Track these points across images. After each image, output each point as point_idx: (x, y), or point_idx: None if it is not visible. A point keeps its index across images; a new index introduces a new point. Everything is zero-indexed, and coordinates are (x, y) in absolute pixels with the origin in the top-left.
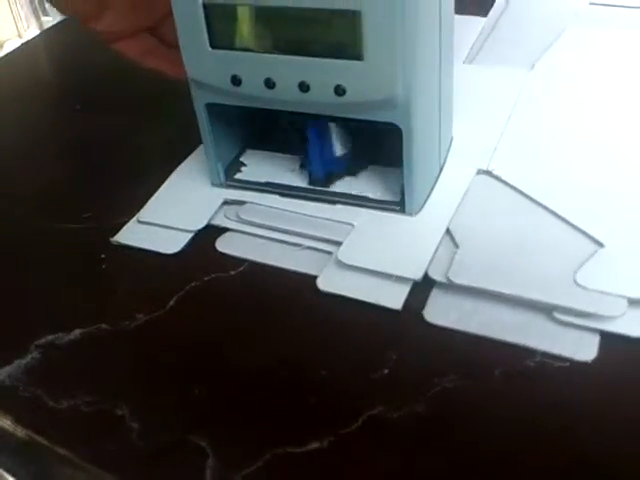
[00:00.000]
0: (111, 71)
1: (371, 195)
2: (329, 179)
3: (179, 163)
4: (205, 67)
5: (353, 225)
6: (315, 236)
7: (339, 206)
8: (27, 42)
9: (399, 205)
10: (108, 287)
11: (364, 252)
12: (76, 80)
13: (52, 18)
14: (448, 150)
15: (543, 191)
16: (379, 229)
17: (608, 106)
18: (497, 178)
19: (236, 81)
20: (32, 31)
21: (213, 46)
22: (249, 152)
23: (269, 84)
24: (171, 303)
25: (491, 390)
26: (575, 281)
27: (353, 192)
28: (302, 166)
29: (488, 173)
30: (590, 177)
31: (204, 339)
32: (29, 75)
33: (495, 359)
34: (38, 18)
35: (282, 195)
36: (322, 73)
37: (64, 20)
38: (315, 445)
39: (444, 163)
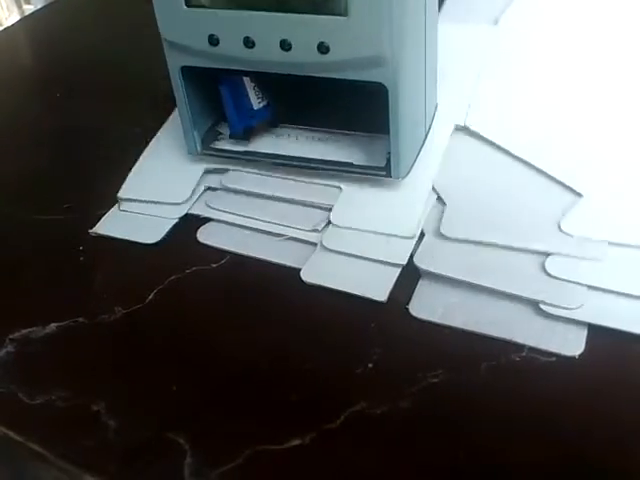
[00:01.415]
0: (91, 59)
1: (355, 161)
2: (248, 133)
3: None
4: (180, 27)
5: (340, 188)
6: (304, 201)
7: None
8: (6, 29)
9: (385, 170)
10: (86, 280)
11: (354, 216)
12: (56, 67)
13: (33, 6)
14: (434, 116)
15: (520, 144)
16: (365, 195)
17: (577, 57)
18: (475, 134)
19: (213, 41)
20: (13, 18)
21: (188, 4)
22: (225, 123)
23: (248, 43)
24: (151, 296)
25: (477, 385)
26: (560, 228)
27: (336, 159)
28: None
29: (466, 130)
30: (565, 128)
31: (184, 334)
32: (9, 62)
33: (481, 354)
34: (20, 6)
35: (259, 162)
36: (304, 30)
37: (44, 7)
38: (296, 442)
39: (429, 128)
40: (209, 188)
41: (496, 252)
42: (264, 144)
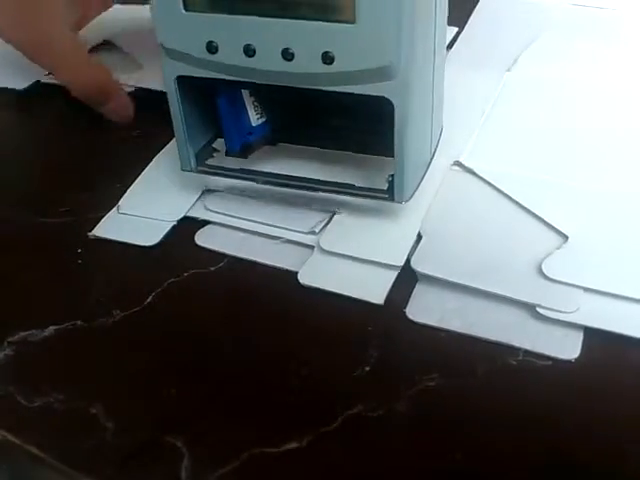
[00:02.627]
0: None
1: (356, 183)
2: (246, 151)
3: (156, 154)
4: (178, 32)
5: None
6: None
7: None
8: None
9: (387, 193)
10: (84, 283)
11: (346, 240)
12: None
13: None
14: (439, 139)
15: (513, 185)
16: (361, 220)
17: (582, 107)
18: (470, 171)
19: (212, 48)
20: None
21: (187, 8)
22: (222, 139)
23: (248, 52)
24: (149, 299)
25: (473, 388)
26: (541, 271)
27: (336, 180)
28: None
29: (460, 165)
30: (561, 174)
31: (182, 337)
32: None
33: (478, 357)
34: None
35: (257, 182)
36: (308, 38)
37: None
38: (293, 445)
39: (435, 152)
40: (207, 190)
41: (493, 255)
42: (261, 162)
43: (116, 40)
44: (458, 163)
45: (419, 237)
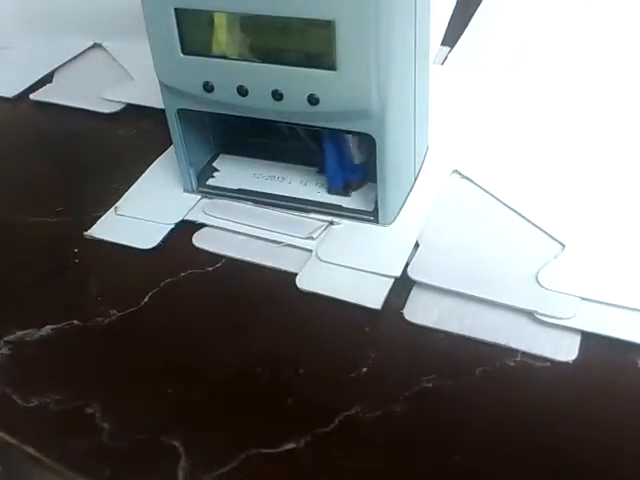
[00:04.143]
0: None
1: (345, 204)
2: (347, 188)
3: (154, 157)
4: (176, 73)
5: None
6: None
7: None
8: None
9: (373, 215)
10: (81, 282)
11: (342, 251)
12: None
13: None
14: (423, 159)
15: (511, 193)
16: (356, 234)
17: (581, 113)
18: (468, 179)
19: (208, 87)
20: None
21: (185, 52)
22: (222, 157)
23: (242, 92)
24: (145, 299)
25: (471, 390)
26: (537, 281)
27: (326, 201)
28: (319, 172)
29: (459, 173)
30: (559, 182)
31: (179, 337)
32: None
33: (475, 359)
34: None
35: (255, 202)
36: (295, 82)
37: None
38: (291, 445)
39: (419, 173)
40: (206, 195)
41: (490, 263)
42: (256, 184)
43: (107, 45)
44: (457, 172)
45: (417, 245)
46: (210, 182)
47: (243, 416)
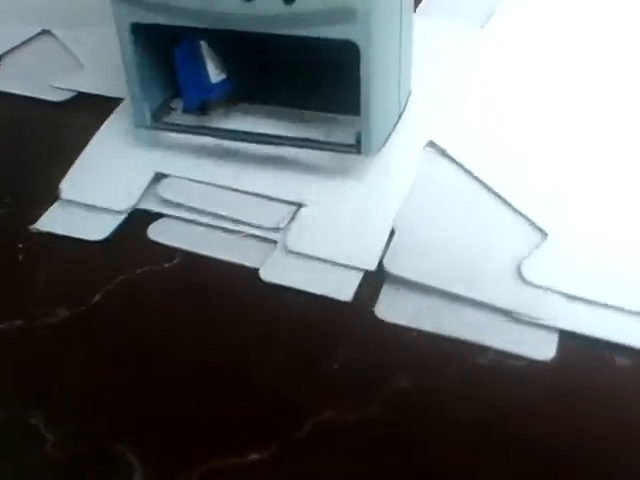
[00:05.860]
0: None
1: (322, 138)
2: (205, 109)
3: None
4: None
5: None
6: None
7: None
8: None
9: (354, 147)
10: (25, 280)
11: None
12: None
13: None
14: (406, 102)
15: (492, 175)
16: (329, 213)
17: (565, 82)
18: (444, 152)
19: None
20: None
21: None
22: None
23: None
24: (97, 297)
25: (445, 389)
26: (519, 273)
27: (303, 135)
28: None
29: (434, 146)
30: (542, 164)
31: (133, 338)
32: None
33: (449, 357)
34: None
35: (217, 137)
36: None
37: None
38: (257, 456)
39: (403, 111)
40: (160, 175)
41: (470, 255)
42: (220, 121)
43: (56, 31)
44: (431, 143)
45: (392, 233)
46: (166, 119)
47: (205, 423)
